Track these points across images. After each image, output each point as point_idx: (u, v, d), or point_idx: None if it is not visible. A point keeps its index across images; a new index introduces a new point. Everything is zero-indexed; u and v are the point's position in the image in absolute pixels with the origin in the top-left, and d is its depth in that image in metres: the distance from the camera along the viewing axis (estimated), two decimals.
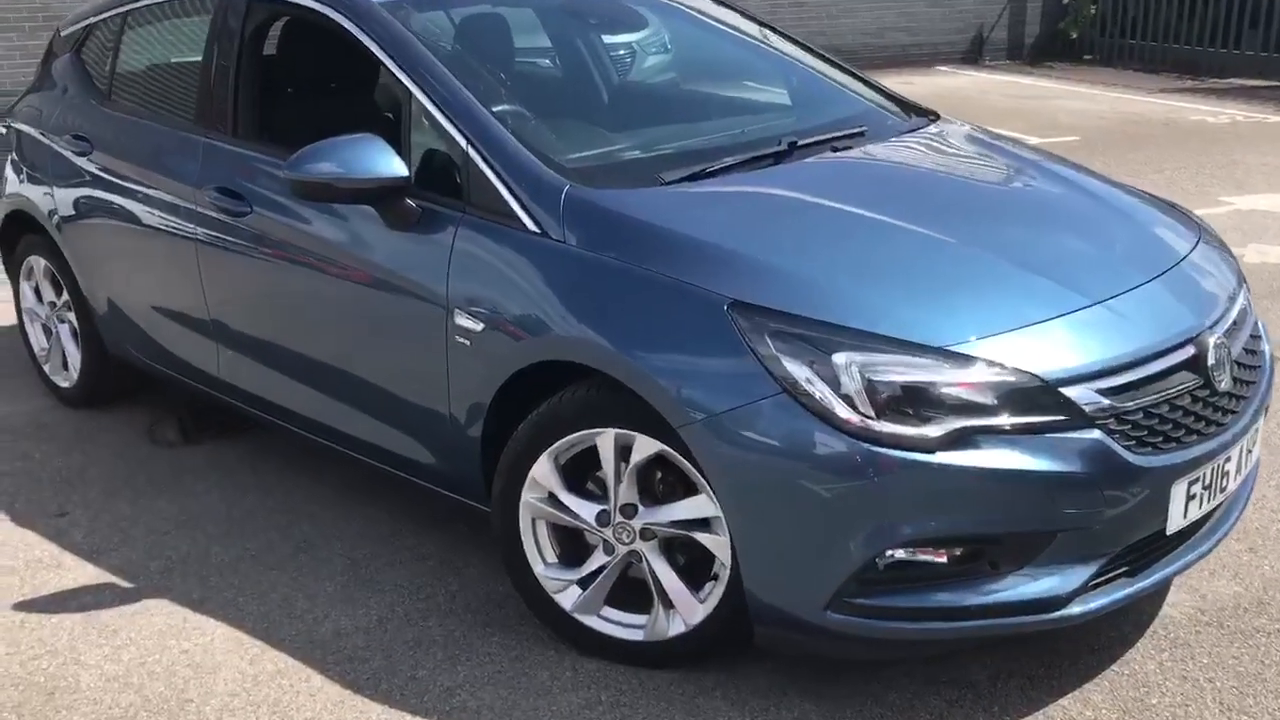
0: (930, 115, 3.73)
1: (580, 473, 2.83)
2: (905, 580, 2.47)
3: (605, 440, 2.71)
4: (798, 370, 2.42)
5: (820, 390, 2.40)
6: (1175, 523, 2.59)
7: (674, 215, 2.80)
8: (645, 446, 2.66)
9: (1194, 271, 2.89)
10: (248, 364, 3.65)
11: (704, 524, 2.67)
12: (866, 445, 2.37)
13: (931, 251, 2.73)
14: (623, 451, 2.71)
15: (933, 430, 2.38)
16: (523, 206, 2.87)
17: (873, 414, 2.38)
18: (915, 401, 2.39)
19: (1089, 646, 2.84)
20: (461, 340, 2.92)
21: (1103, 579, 2.54)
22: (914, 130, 3.55)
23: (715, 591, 2.70)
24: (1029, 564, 2.47)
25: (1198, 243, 3.04)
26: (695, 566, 2.75)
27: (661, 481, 2.77)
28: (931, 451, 2.37)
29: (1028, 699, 2.69)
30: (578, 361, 2.71)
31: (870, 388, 2.39)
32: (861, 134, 3.39)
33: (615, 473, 2.73)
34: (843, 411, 2.38)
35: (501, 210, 2.90)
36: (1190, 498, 2.60)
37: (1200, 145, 8.81)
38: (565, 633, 2.91)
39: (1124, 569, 2.58)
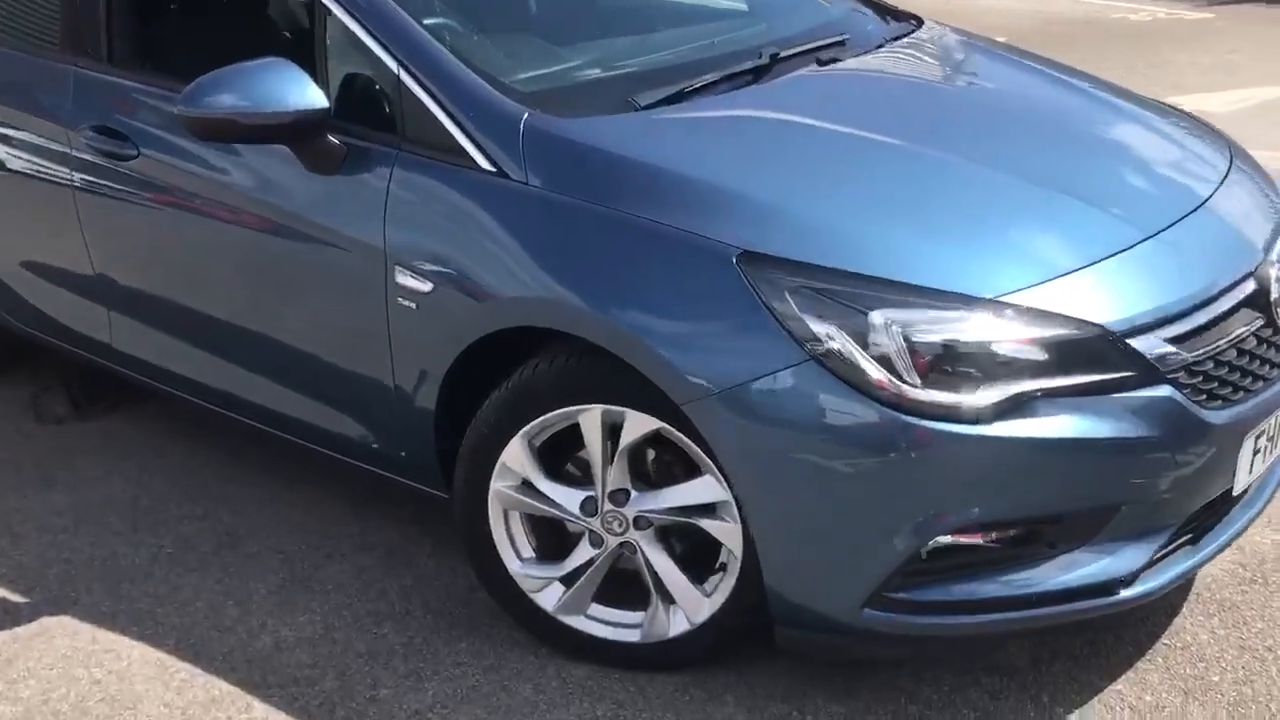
0: (911, 19, 3.32)
1: (558, 454, 2.43)
2: (953, 569, 2.14)
3: (590, 419, 2.31)
4: (825, 332, 2.03)
5: (854, 355, 2.02)
6: (1242, 481, 2.30)
7: (657, 148, 2.37)
8: (639, 425, 2.27)
9: (1237, 192, 2.56)
10: (144, 330, 3.13)
11: (710, 510, 2.29)
12: (910, 418, 2.01)
13: (962, 182, 2.35)
14: (610, 430, 2.31)
15: (985, 397, 2.02)
16: (472, 140, 2.41)
17: (917, 381, 2.01)
18: (964, 364, 2.03)
19: (1133, 616, 2.55)
20: (405, 303, 2.47)
21: (1166, 551, 2.24)
22: (900, 37, 3.14)
23: (724, 584, 2.34)
24: (1089, 543, 2.16)
25: (1231, 158, 2.70)
26: (696, 556, 2.38)
27: (657, 463, 2.38)
28: (985, 422, 2.01)
29: (1078, 683, 2.40)
30: (554, 328, 2.28)
31: (912, 350, 2.01)
32: (843, 43, 2.97)
33: (602, 455, 2.33)
34: (881, 379, 2.01)
35: (446, 145, 2.43)
36: (1256, 452, 2.30)
37: (1127, 44, 8.58)
38: (547, 636, 2.53)
39: (1187, 538, 2.28)
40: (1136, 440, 2.08)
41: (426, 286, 2.42)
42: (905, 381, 2.01)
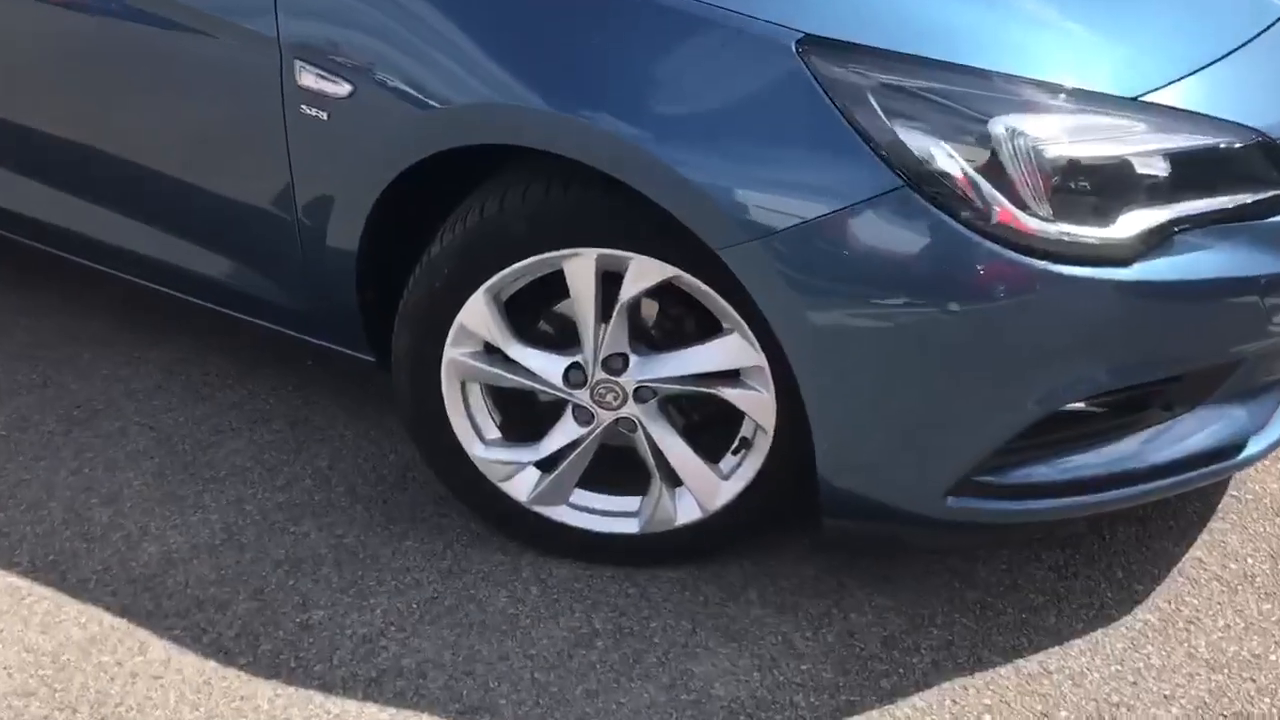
0: None
1: (525, 312, 1.88)
2: (1055, 443, 1.71)
3: (579, 267, 1.76)
4: (925, 147, 1.51)
5: (966, 178, 1.51)
6: None
7: None
8: (645, 273, 1.73)
9: None
10: None
11: (732, 377, 1.80)
12: (1037, 261, 1.52)
13: None
14: (603, 279, 1.77)
15: (1125, 229, 1.56)
16: None
17: (1047, 211, 1.52)
18: (1101, 186, 1.55)
19: None
20: (312, 112, 1.83)
21: None
22: None
23: (747, 465, 1.88)
24: (1208, 402, 1.76)
25: None
26: (705, 432, 1.91)
27: (661, 320, 1.86)
28: (1127, 261, 1.55)
29: (1150, 551, 2.06)
30: (531, 148, 1.69)
31: (1041, 169, 1.52)
32: None
33: (596, 312, 1.79)
34: (1003, 209, 1.52)
35: None
36: None
37: None
38: (517, 532, 2.04)
39: None
40: None
41: (343, 90, 1.79)
42: (1033, 212, 1.51)
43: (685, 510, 1.94)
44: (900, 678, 1.82)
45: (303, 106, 1.83)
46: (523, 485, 1.97)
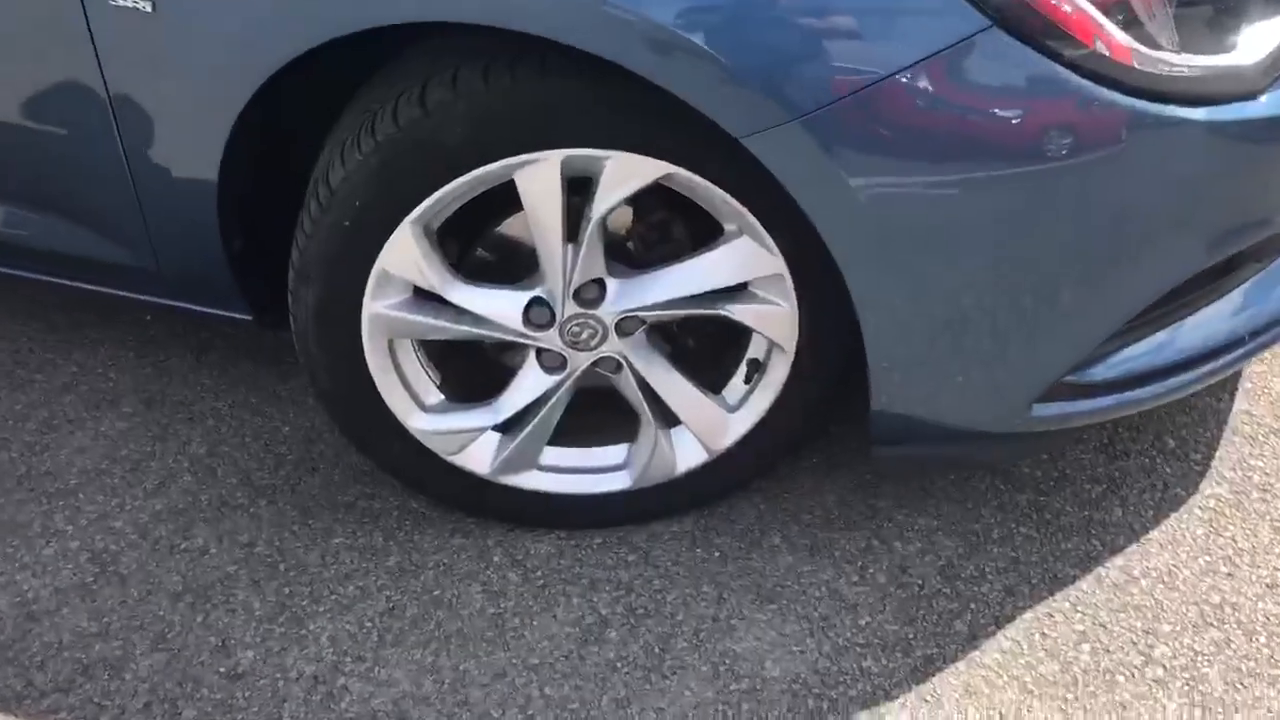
0: None
1: (455, 237, 1.45)
2: (1154, 321, 1.41)
3: (539, 175, 1.32)
4: None
5: (1074, 5, 1.14)
6: None
7: None
8: (629, 174, 1.32)
9: None
10: None
11: (737, 291, 1.43)
12: (1159, 104, 1.18)
13: None
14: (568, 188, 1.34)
15: (1251, 54, 1.23)
16: None
17: (1173, 39, 1.17)
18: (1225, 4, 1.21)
19: None
20: (125, 2, 1.31)
21: None
22: None
23: (762, 392, 1.53)
24: None
25: None
26: (694, 359, 1.54)
27: (641, 231, 1.46)
28: (1255, 96, 1.23)
29: (1195, 411, 1.81)
30: (474, 22, 1.22)
31: None
32: None
33: (563, 232, 1.37)
34: (1117, 42, 1.16)
35: None
36: None
37: None
38: (480, 510, 1.64)
39: None
40: None
41: None
42: (1151, 44, 1.16)
43: (686, 454, 1.59)
44: (975, 614, 1.54)
45: None
46: (480, 455, 1.57)
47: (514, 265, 1.47)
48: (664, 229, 1.46)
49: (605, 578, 1.59)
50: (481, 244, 1.49)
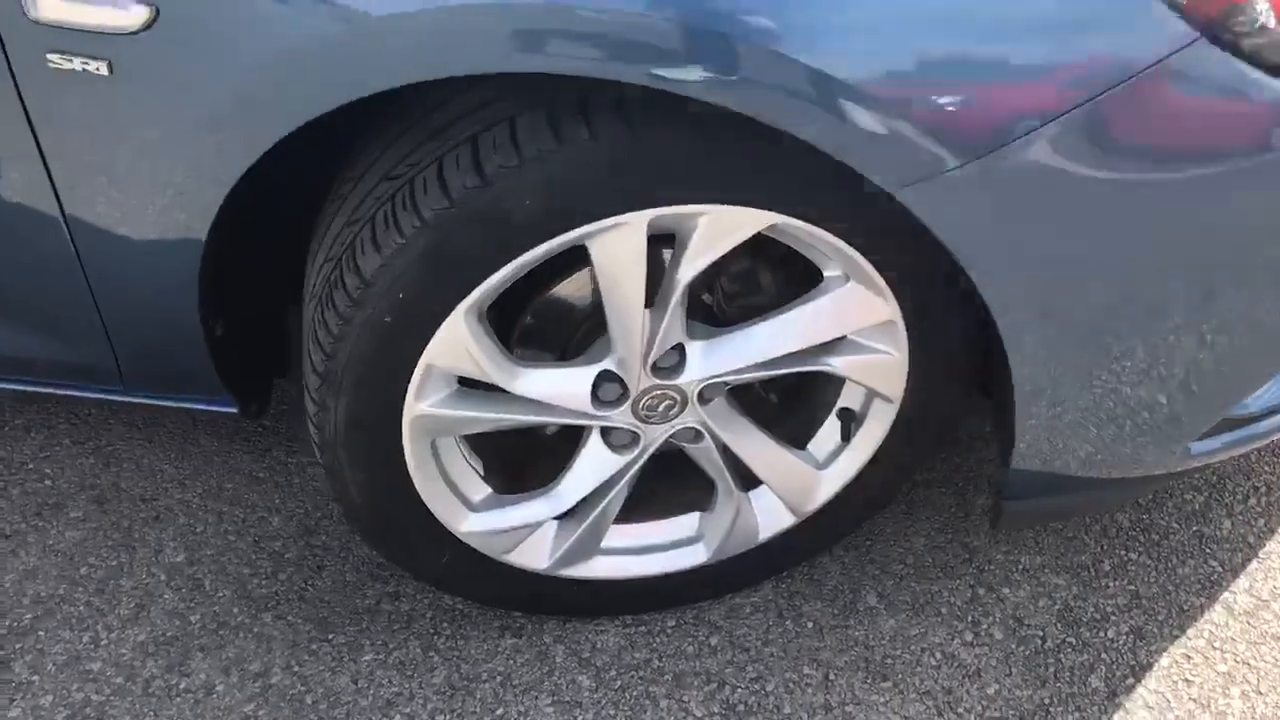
0: None
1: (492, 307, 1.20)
2: None
3: (621, 240, 1.08)
4: None
5: None
6: None
7: None
8: (727, 229, 1.09)
9: None
10: None
11: (838, 344, 1.22)
12: None
13: None
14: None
15: None
16: None
17: None
18: None
19: None
20: (71, 65, 1.01)
21: None
22: None
23: (858, 447, 1.33)
24: None
25: None
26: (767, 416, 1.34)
27: (723, 284, 1.23)
28: None
29: None
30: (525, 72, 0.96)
31: None
32: None
33: (642, 298, 1.13)
34: None
35: None
36: None
37: None
38: (539, 606, 1.42)
39: None
40: None
41: (135, 16, 0.97)
42: None
43: (770, 519, 1.38)
44: (1109, 666, 1.39)
45: (49, 56, 1.00)
46: (537, 550, 1.34)
47: (562, 334, 1.24)
48: (749, 280, 1.24)
49: (690, 670, 1.39)
50: (527, 316, 1.24)
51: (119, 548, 1.52)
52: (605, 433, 1.27)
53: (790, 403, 1.36)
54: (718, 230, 1.09)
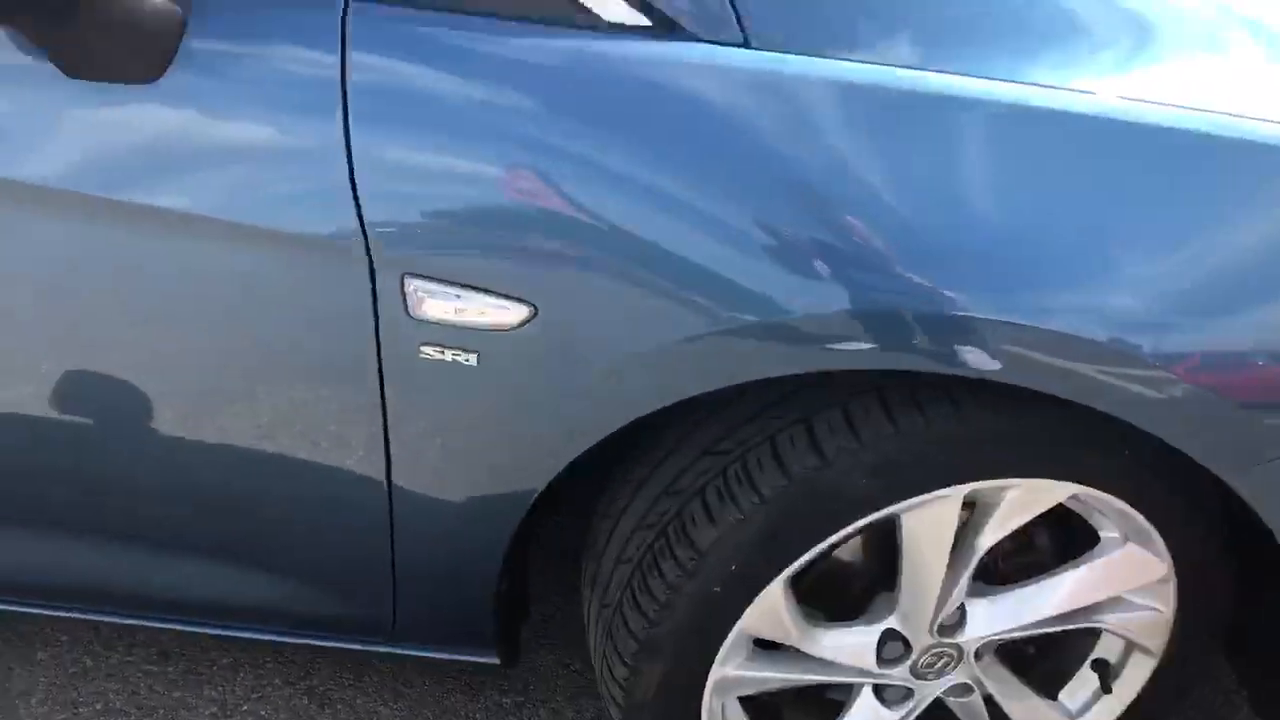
0: None
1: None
2: None
3: (936, 513, 1.13)
4: None
5: None
6: None
7: None
8: (1033, 500, 1.15)
9: None
10: None
11: (1111, 601, 1.27)
12: None
13: None
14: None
15: None
16: None
17: None
18: None
19: None
20: (440, 355, 1.07)
21: None
22: None
23: (1118, 694, 1.36)
24: None
25: None
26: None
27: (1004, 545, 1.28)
28: None
29: None
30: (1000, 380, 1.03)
31: None
32: None
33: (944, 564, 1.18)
34: None
35: None
36: None
37: None
38: None
39: None
40: None
41: (512, 315, 1.04)
42: None
43: None
44: None
45: (423, 348, 1.07)
46: None
47: (838, 595, 1.28)
48: (1026, 538, 1.29)
49: None
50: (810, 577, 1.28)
51: None
52: (878, 690, 1.30)
53: (1045, 653, 1.39)
54: (1023, 501, 1.15)
